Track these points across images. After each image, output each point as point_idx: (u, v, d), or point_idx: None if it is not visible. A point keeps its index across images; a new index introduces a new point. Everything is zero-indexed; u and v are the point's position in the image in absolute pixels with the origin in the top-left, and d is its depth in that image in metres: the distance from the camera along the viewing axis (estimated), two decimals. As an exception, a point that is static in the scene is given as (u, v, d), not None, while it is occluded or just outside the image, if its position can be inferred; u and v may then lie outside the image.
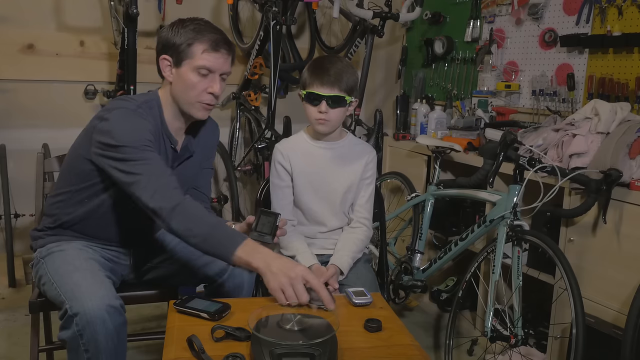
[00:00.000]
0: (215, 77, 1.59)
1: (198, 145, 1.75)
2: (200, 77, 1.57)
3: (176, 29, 1.58)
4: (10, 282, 2.74)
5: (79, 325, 1.39)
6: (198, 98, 1.59)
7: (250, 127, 3.39)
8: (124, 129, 1.49)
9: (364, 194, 1.91)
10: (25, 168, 2.78)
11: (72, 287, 1.45)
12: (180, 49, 1.56)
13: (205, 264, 1.71)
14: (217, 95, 1.61)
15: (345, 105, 1.79)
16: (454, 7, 3.09)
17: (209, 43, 1.56)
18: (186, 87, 1.58)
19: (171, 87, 1.61)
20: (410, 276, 2.53)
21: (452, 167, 2.79)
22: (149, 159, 1.49)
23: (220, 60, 1.58)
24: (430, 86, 3.30)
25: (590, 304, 1.97)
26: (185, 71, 1.57)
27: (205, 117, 1.65)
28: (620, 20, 2.26)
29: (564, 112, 2.46)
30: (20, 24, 2.90)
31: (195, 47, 1.55)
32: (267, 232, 1.51)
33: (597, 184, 1.90)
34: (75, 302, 1.40)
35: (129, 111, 1.54)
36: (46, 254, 1.63)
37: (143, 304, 2.19)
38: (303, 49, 3.50)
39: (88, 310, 1.39)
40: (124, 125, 1.50)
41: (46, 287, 1.55)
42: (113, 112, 1.53)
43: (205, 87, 1.58)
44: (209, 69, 1.57)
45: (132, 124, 1.52)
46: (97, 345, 1.40)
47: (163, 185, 1.46)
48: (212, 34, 1.57)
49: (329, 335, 1.19)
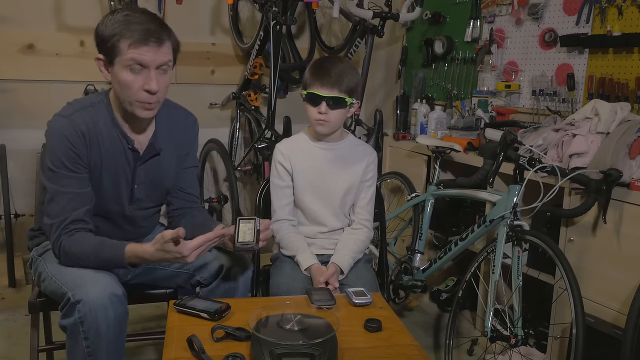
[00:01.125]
0: (150, 73, 1.47)
1: (169, 143, 1.68)
2: (133, 75, 1.46)
3: (105, 22, 1.48)
4: (10, 282, 2.74)
5: (81, 312, 1.39)
6: (135, 97, 1.49)
7: (250, 127, 3.39)
8: (49, 147, 1.54)
9: (364, 196, 1.91)
10: (25, 168, 2.79)
11: (74, 277, 1.46)
12: (108, 45, 1.45)
13: (198, 267, 1.70)
14: (155, 92, 1.49)
15: (346, 107, 1.79)
16: (454, 7, 3.09)
17: (135, 36, 1.43)
18: (122, 87, 1.49)
19: (112, 87, 1.54)
20: (410, 276, 2.53)
21: (452, 167, 2.79)
22: (58, 189, 1.52)
23: (150, 53, 1.45)
24: (430, 86, 3.30)
25: (590, 304, 1.97)
26: (117, 70, 1.47)
27: (149, 116, 1.55)
28: (620, 20, 2.26)
29: (564, 112, 2.46)
30: (20, 24, 2.90)
31: (122, 43, 1.44)
32: (249, 240, 1.48)
33: (597, 184, 1.90)
34: (78, 290, 1.41)
35: (62, 119, 1.53)
36: (43, 252, 1.65)
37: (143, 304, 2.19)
38: (303, 49, 3.50)
39: (91, 297, 1.39)
40: (50, 142, 1.54)
41: (46, 282, 1.56)
42: (49, 123, 1.55)
43: (141, 85, 1.47)
44: (140, 63, 1.45)
45: (55, 141, 1.53)
46: (98, 333, 1.40)
47: (58, 221, 1.51)
48: (139, 25, 1.44)
49: (329, 335, 1.19)
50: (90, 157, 1.56)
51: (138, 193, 1.68)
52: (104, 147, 1.57)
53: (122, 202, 1.66)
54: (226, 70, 3.41)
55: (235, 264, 1.66)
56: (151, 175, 1.68)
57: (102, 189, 1.60)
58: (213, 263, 1.67)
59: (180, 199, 1.79)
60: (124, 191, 1.65)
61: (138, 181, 1.66)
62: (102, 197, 1.61)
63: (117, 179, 1.62)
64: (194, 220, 1.77)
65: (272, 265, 1.91)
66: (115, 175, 1.62)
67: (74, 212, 1.52)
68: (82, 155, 1.54)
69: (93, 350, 1.42)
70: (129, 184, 1.65)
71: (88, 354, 1.42)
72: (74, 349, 1.43)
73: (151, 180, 1.69)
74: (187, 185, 1.80)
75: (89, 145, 1.55)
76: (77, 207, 1.53)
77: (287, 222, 1.88)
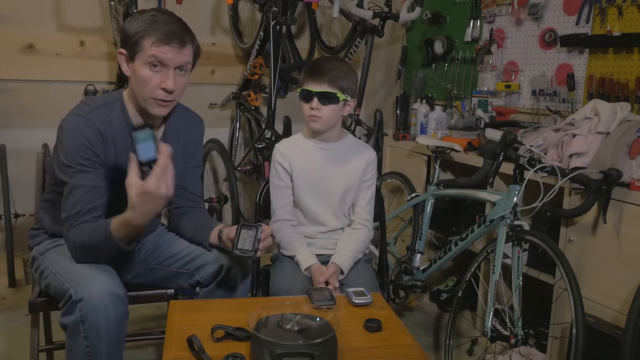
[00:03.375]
0: (169, 72, 1.52)
1: (177, 142, 1.70)
2: (152, 72, 1.51)
3: (132, 20, 1.53)
4: (10, 282, 2.74)
5: (82, 310, 1.39)
6: (151, 94, 1.53)
7: (250, 127, 3.39)
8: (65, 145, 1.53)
9: (364, 196, 1.91)
10: (25, 168, 2.79)
11: (76, 275, 1.47)
12: (132, 41, 1.50)
13: (198, 267, 1.70)
14: (172, 91, 1.53)
15: (338, 103, 1.78)
16: (454, 7, 3.09)
17: (159, 35, 1.48)
18: (139, 83, 1.53)
19: (130, 83, 1.58)
20: (410, 276, 2.53)
21: (452, 167, 2.79)
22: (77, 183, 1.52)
23: (171, 53, 1.50)
24: (430, 86, 3.30)
25: (590, 304, 1.97)
26: (138, 65, 1.52)
27: (161, 113, 1.59)
28: (620, 20, 2.26)
29: (564, 112, 2.46)
30: (20, 24, 2.90)
31: (146, 40, 1.49)
32: (248, 248, 1.48)
33: (597, 184, 1.90)
34: (80, 288, 1.41)
35: (78, 118, 1.53)
36: (44, 250, 1.65)
37: (143, 304, 2.19)
38: (303, 49, 3.50)
39: (93, 295, 1.39)
40: (67, 140, 1.53)
41: (49, 279, 1.56)
42: (64, 121, 1.54)
43: (159, 83, 1.52)
44: (160, 61, 1.50)
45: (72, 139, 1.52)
46: (98, 333, 1.40)
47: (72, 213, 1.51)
48: (165, 26, 1.49)
49: (329, 335, 1.19)
50: (106, 155, 1.58)
51: None
52: (118, 145, 1.60)
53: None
54: (226, 70, 3.41)
55: (235, 265, 1.66)
56: None
57: (113, 187, 1.61)
58: (213, 264, 1.67)
59: (183, 198, 1.79)
60: None
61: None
62: (114, 195, 1.61)
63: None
64: (194, 219, 1.78)
65: (272, 265, 1.91)
66: (126, 173, 1.62)
67: (88, 204, 1.53)
68: (100, 154, 1.56)
69: (92, 350, 1.42)
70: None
71: (87, 353, 1.42)
72: (73, 348, 1.43)
73: None
74: (190, 184, 1.81)
75: (106, 144, 1.57)
76: (92, 200, 1.53)
77: (286, 222, 1.88)
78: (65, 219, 1.53)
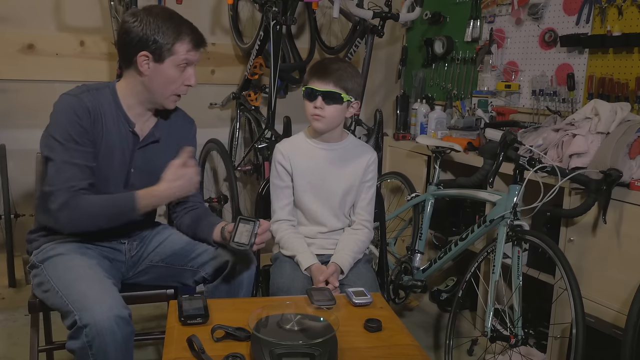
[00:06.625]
0: (192, 70, 1.67)
1: (169, 135, 1.77)
2: (180, 72, 1.65)
3: (151, 24, 1.59)
4: (10, 282, 2.74)
5: (89, 336, 1.39)
6: (176, 91, 1.68)
7: (250, 127, 3.39)
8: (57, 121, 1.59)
9: (365, 197, 1.91)
10: (25, 168, 2.78)
11: (79, 297, 1.45)
12: (164, 47, 1.60)
13: (203, 264, 1.71)
14: (194, 86, 1.70)
15: (342, 103, 1.79)
16: (454, 7, 3.09)
17: (192, 42, 1.64)
18: (166, 82, 1.64)
19: (145, 80, 1.64)
20: (410, 276, 2.53)
21: (452, 167, 2.79)
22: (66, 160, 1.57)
23: (198, 55, 1.68)
24: (430, 86, 3.30)
25: (590, 304, 1.97)
26: (167, 67, 1.62)
27: (174, 106, 1.73)
28: (620, 20, 2.26)
29: (564, 112, 2.46)
30: (20, 24, 2.90)
31: (180, 47, 1.61)
32: (244, 242, 1.51)
33: (597, 184, 1.90)
34: (85, 313, 1.41)
35: (69, 97, 1.61)
36: (44, 258, 1.63)
37: (143, 304, 2.19)
38: (303, 49, 3.50)
39: (98, 321, 1.39)
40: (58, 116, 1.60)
41: (49, 294, 1.55)
42: (57, 102, 1.62)
43: (183, 80, 1.66)
44: (189, 62, 1.65)
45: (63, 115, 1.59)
46: (106, 356, 1.41)
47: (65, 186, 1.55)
48: (192, 34, 1.64)
49: (329, 335, 1.19)
50: (94, 133, 1.62)
51: (134, 178, 1.70)
52: (106, 126, 1.64)
53: (117, 183, 1.69)
54: (226, 70, 3.41)
55: (240, 261, 1.67)
56: (149, 162, 1.72)
57: (100, 168, 1.64)
58: (217, 260, 1.68)
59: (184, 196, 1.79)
60: (120, 173, 1.69)
61: (135, 165, 1.71)
62: (99, 176, 1.64)
63: (115, 159, 1.67)
64: (197, 217, 1.79)
65: (272, 265, 1.91)
66: (113, 155, 1.67)
67: (82, 182, 1.57)
68: (88, 130, 1.60)
69: None
70: (125, 165, 1.69)
71: None
72: None
73: (148, 168, 1.71)
74: None
75: (93, 121, 1.62)
76: (84, 178, 1.58)
77: (286, 223, 1.88)
78: (55, 192, 1.54)
